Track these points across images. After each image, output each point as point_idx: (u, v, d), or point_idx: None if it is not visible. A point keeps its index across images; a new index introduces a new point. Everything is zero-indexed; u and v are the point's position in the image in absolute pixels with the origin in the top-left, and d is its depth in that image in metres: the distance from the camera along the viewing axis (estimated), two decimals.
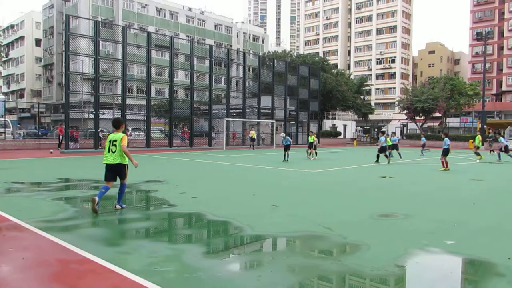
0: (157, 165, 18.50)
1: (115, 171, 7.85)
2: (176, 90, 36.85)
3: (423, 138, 30.71)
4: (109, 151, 7.78)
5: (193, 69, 33.52)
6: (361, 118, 68.01)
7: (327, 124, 61.16)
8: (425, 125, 58.78)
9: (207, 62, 36.82)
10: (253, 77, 45.61)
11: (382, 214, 7.98)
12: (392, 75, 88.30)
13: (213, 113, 35.61)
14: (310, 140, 23.86)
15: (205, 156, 24.58)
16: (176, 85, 35.08)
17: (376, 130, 62.57)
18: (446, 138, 17.72)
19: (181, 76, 48.79)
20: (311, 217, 7.57)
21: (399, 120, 63.14)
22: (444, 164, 17.35)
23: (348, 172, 15.74)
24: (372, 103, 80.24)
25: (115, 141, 7.76)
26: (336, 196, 10.18)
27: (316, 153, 24.86)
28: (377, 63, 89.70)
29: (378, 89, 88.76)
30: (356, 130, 65.08)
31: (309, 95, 44.31)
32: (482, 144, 27.85)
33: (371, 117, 68.99)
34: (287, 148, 21.38)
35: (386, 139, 21.79)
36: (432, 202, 9.52)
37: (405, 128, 58.92)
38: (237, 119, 37.85)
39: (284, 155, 21.11)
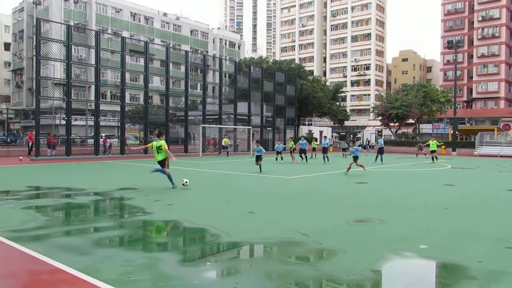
0: (132, 172, 18.24)
1: (161, 164, 12.40)
2: (151, 96, 36.51)
3: (381, 140, 30.15)
4: (157, 152, 12.33)
5: (168, 74, 33.30)
6: (337, 124, 68.84)
7: (304, 130, 61.61)
8: (399, 131, 60.00)
9: (182, 68, 36.68)
10: (229, 83, 45.60)
11: (358, 220, 8.08)
12: (367, 82, 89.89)
13: (189, 119, 35.42)
14: (313, 145, 30.01)
15: (181, 163, 24.38)
16: (151, 91, 34.76)
17: (352, 136, 63.47)
18: (355, 147, 18.59)
19: (156, 82, 48.37)
20: (287, 224, 7.60)
21: (374, 126, 64.30)
22: (348, 168, 18.06)
23: (324, 179, 15.89)
24: (348, 110, 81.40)
25: (160, 146, 12.27)
26: (312, 202, 10.26)
27: (301, 156, 25.65)
28: (352, 70, 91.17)
29: (353, 95, 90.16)
30: (332, 136, 65.82)
31: (286, 101, 44.64)
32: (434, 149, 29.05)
33: (346, 123, 69.86)
34: (258, 158, 18.49)
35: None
36: (406, 207, 9.71)
37: (379, 134, 60.01)
38: (213, 125, 37.74)
39: (260, 167, 18.36)
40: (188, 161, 25.63)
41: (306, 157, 25.86)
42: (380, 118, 55.91)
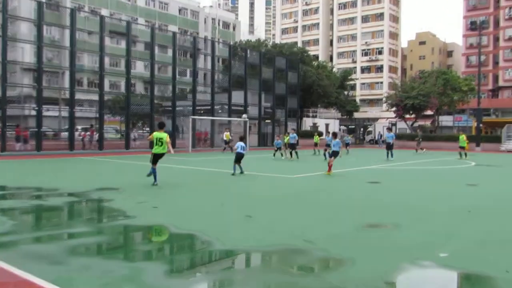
0: (111, 170, 18.18)
1: (158, 158, 12.94)
2: (134, 84, 36.45)
3: (390, 135, 29.65)
4: (157, 144, 12.84)
5: (153, 59, 33.19)
6: (345, 116, 68.94)
7: (307, 123, 61.78)
8: (416, 124, 60.06)
9: (170, 52, 36.54)
10: (223, 69, 45.56)
11: (369, 225, 8.08)
12: (379, 68, 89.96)
13: (177, 111, 35.36)
14: (316, 140, 30.89)
15: (168, 160, 24.33)
16: (134, 77, 34.68)
17: (362, 129, 63.58)
18: (337, 140, 17.30)
19: (139, 68, 48.22)
20: (289, 229, 7.59)
21: (387, 118, 64.28)
22: (330, 167, 16.82)
23: (331, 178, 15.90)
24: (357, 100, 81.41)
25: (161, 138, 12.86)
26: (317, 205, 10.25)
27: (290, 153, 25.49)
28: (362, 55, 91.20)
29: (363, 83, 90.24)
30: (339, 129, 65.90)
31: (287, 90, 44.61)
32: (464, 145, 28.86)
33: (356, 115, 70.01)
34: (240, 158, 16.31)
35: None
36: (424, 210, 9.71)
37: (394, 127, 60.06)
38: (204, 117, 37.69)
39: (235, 168, 16.20)
40: (176, 158, 25.63)
41: (296, 153, 25.89)
42: (394, 109, 55.97)
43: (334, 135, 18.08)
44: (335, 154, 17.08)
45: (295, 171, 18.41)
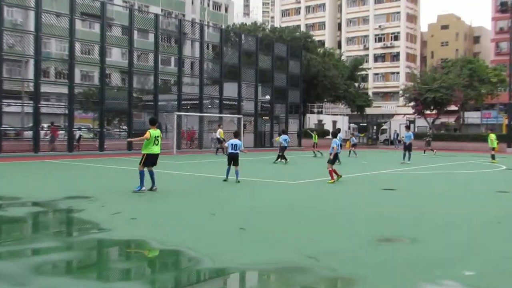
0: (83, 175, 18.14)
1: (155, 160, 13.19)
2: (109, 74, 36.35)
3: (408, 134, 30.01)
4: (154, 144, 13.07)
5: (132, 46, 33.16)
6: (356, 113, 69.08)
7: (312, 120, 61.84)
8: (438, 121, 60.25)
9: (151, 37, 36.52)
10: (213, 57, 45.56)
11: (383, 239, 8.09)
12: (395, 56, 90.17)
13: (160, 106, 35.34)
14: (314, 139, 31.24)
15: None
16: (110, 67, 34.60)
17: (375, 127, 63.77)
18: (335, 139, 16.68)
19: (116, 56, 48.15)
20: (290, 243, 7.59)
21: (405, 115, 64.49)
22: (333, 174, 16.05)
23: (339, 184, 15.92)
24: (370, 93, 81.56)
25: (158, 136, 13.13)
26: (322, 216, 10.26)
27: (279, 156, 25.42)
28: (375, 40, 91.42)
29: (377, 74, 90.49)
30: (349, 128, 65.98)
31: (288, 82, 44.66)
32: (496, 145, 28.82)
33: (368, 111, 70.19)
34: (233, 160, 15.80)
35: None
36: (446, 221, 9.73)
37: (412, 125, 60.22)
38: (192, 114, 37.68)
39: (228, 172, 15.89)
40: (158, 160, 25.55)
41: (284, 157, 24.74)
42: (412, 104, 56.11)
43: (334, 134, 17.79)
44: (337, 157, 16.85)
45: (296, 176, 18.42)
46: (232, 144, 15.90)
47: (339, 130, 27.79)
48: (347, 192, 14.14)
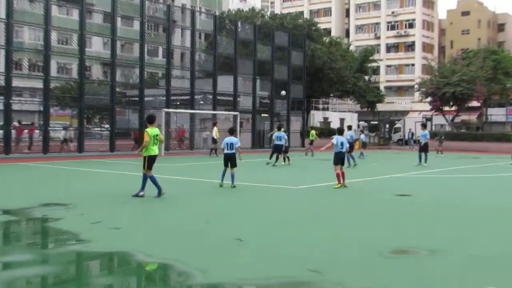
0: (60, 180, 18.11)
1: (152, 161, 13.15)
2: (90, 67, 36.34)
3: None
4: (154, 144, 13.07)
5: (115, 35, 33.10)
6: (366, 109, 69.13)
7: (316, 118, 61.88)
8: (458, 119, 60.29)
9: (137, 25, 36.48)
10: (206, 47, 45.52)
11: (397, 250, 8.09)
12: (410, 46, 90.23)
13: (146, 102, 35.28)
14: (311, 137, 31.56)
15: (133, 166, 24.19)
16: (90, 58, 34.58)
17: (387, 125, 63.81)
18: (338, 137, 16.43)
19: (97, 46, 48.12)
20: (292, 255, 7.59)
21: (421, 111, 64.59)
22: (340, 177, 15.94)
23: (347, 189, 15.91)
24: (382, 87, 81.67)
25: (157, 135, 13.12)
26: (329, 224, 10.26)
27: (288, 158, 25.33)
28: (388, 29, 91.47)
29: (389, 66, 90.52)
30: (358, 126, 66.04)
31: (290, 75, 44.65)
32: None
33: (380, 107, 70.25)
34: (229, 161, 15.62)
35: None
36: (469, 230, 9.75)
37: (429, 123, 60.25)
38: (182, 111, 37.64)
39: (223, 175, 15.67)
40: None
41: (277, 157, 24.67)
42: (429, 99, 56.13)
43: (340, 131, 17.12)
44: (340, 158, 16.13)
45: (299, 181, 18.42)
46: (227, 143, 15.67)
47: (350, 127, 27.66)
48: (355, 199, 14.13)
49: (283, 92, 41.60)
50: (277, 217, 10.90)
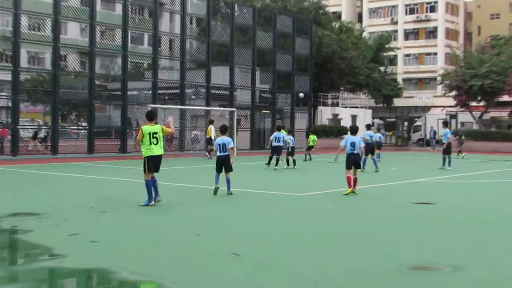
0: (31, 186, 18.10)
1: (158, 162, 13.36)
2: (65, 56, 36.34)
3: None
4: (151, 143, 13.05)
5: (94, 20, 33.08)
6: (382, 105, 69.00)
7: (325, 114, 61.61)
8: (486, 115, 60.14)
9: (119, 9, 36.50)
10: (198, 34, 45.45)
11: (416, 266, 8.09)
12: (432, 33, 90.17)
13: (130, 96, 35.30)
14: (311, 142, 31.51)
15: (115, 170, 24.20)
16: (66, 46, 34.57)
17: (406, 123, 63.71)
18: (349, 137, 16.57)
19: (73, 33, 48.07)
20: (296, 272, 7.59)
21: (444, 107, 64.43)
22: (351, 182, 15.96)
23: (359, 197, 15.92)
24: (399, 79, 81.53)
25: (156, 133, 13.07)
26: (336, 237, 10.26)
27: (294, 161, 25.25)
28: (406, 13, 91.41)
29: (408, 55, 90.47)
30: (373, 124, 65.89)
31: (294, 66, 44.64)
32: None
33: (397, 102, 70.09)
34: (223, 164, 15.44)
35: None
36: (496, 242, 9.76)
37: (454, 121, 60.16)
38: (170, 106, 37.64)
39: (217, 180, 15.46)
40: (127, 167, 25.53)
41: (277, 160, 24.77)
42: (454, 93, 56.00)
43: (353, 130, 17.08)
44: (352, 161, 16.00)
45: (304, 187, 18.44)
46: (220, 145, 15.44)
47: (369, 126, 27.41)
48: (369, 207, 14.12)
49: (301, 94, 41.61)
50: (279, 229, 10.90)
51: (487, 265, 8.23)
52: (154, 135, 13.02)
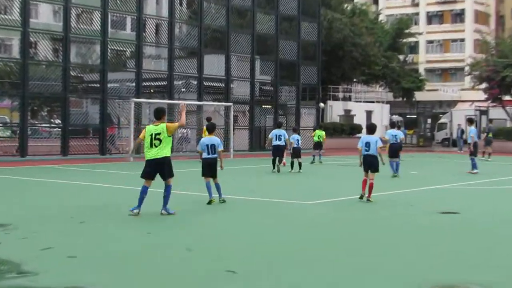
0: None
1: (161, 167, 13.42)
2: (35, 43, 36.35)
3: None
4: (151, 146, 13.29)
5: (69, 1, 33.06)
6: (401, 99, 68.93)
7: (335, 110, 61.62)
8: None
9: None
10: (189, 17, 45.47)
11: (440, 285, 8.10)
12: (459, 16, 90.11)
13: (110, 89, 35.29)
14: (316, 138, 31.64)
15: (94, 175, 24.21)
16: (36, 32, 34.58)
17: (429, 121, 63.62)
18: (365, 136, 16.93)
19: (45, 16, 48.08)
20: None
21: (473, 102, 64.41)
22: (365, 186, 16.26)
23: (376, 204, 15.95)
24: (421, 70, 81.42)
25: (159, 134, 13.21)
26: (351, 248, 10.27)
27: (300, 164, 25.26)
28: None
29: (431, 42, 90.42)
30: (390, 121, 65.78)
31: (299, 54, 44.60)
32: None
33: (419, 96, 69.99)
34: (209, 169, 15.59)
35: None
36: None
37: (484, 117, 60.08)
38: (157, 101, 37.61)
39: (209, 189, 15.52)
40: (107, 171, 25.54)
41: (280, 161, 25.27)
42: (484, 86, 55.93)
43: (370, 129, 17.11)
44: (368, 163, 16.23)
45: (311, 193, 18.45)
46: (208, 146, 15.46)
47: (395, 125, 27.31)
48: (386, 217, 14.15)
49: (322, 105, 41.56)
50: (281, 242, 10.91)
51: None
52: (157, 136, 13.18)
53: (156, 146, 13.20)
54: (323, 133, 32.71)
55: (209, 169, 15.40)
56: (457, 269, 9.05)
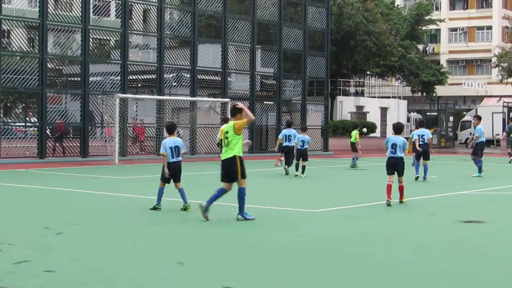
0: None
1: (231, 165, 13.96)
2: (8, 32, 36.41)
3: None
4: (224, 146, 14.24)
5: None
6: (420, 94, 68.91)
7: (346, 106, 61.66)
8: None
9: None
10: (181, 2, 45.51)
11: None
12: (485, 1, 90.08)
13: (92, 83, 35.30)
14: (353, 139, 32.14)
15: (74, 179, 24.22)
16: (9, 19, 34.65)
17: (451, 119, 63.59)
18: (391, 136, 17.51)
19: (19, 1, 48.15)
20: None
21: (500, 97, 64.45)
22: (390, 191, 16.81)
23: (393, 212, 16.00)
24: (443, 61, 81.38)
25: (227, 132, 13.97)
26: (367, 265, 10.31)
27: (303, 168, 25.41)
28: None
29: (454, 30, 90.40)
30: (408, 119, 65.82)
31: (306, 44, 44.61)
32: None
33: (440, 91, 69.97)
34: (173, 173, 15.77)
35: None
36: None
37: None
38: (145, 96, 37.65)
39: (161, 195, 15.81)
40: (89, 175, 25.59)
41: (289, 163, 26.08)
42: None
43: (397, 129, 17.40)
44: (392, 166, 16.77)
45: (321, 200, 18.50)
46: (172, 148, 15.57)
47: (422, 123, 27.13)
48: (403, 225, 14.19)
49: (365, 129, 42.05)
50: (284, 256, 10.98)
51: None
52: (226, 135, 14.16)
53: (226, 145, 14.13)
54: (354, 132, 32.55)
55: (172, 174, 15.61)
56: (482, 283, 9.09)
